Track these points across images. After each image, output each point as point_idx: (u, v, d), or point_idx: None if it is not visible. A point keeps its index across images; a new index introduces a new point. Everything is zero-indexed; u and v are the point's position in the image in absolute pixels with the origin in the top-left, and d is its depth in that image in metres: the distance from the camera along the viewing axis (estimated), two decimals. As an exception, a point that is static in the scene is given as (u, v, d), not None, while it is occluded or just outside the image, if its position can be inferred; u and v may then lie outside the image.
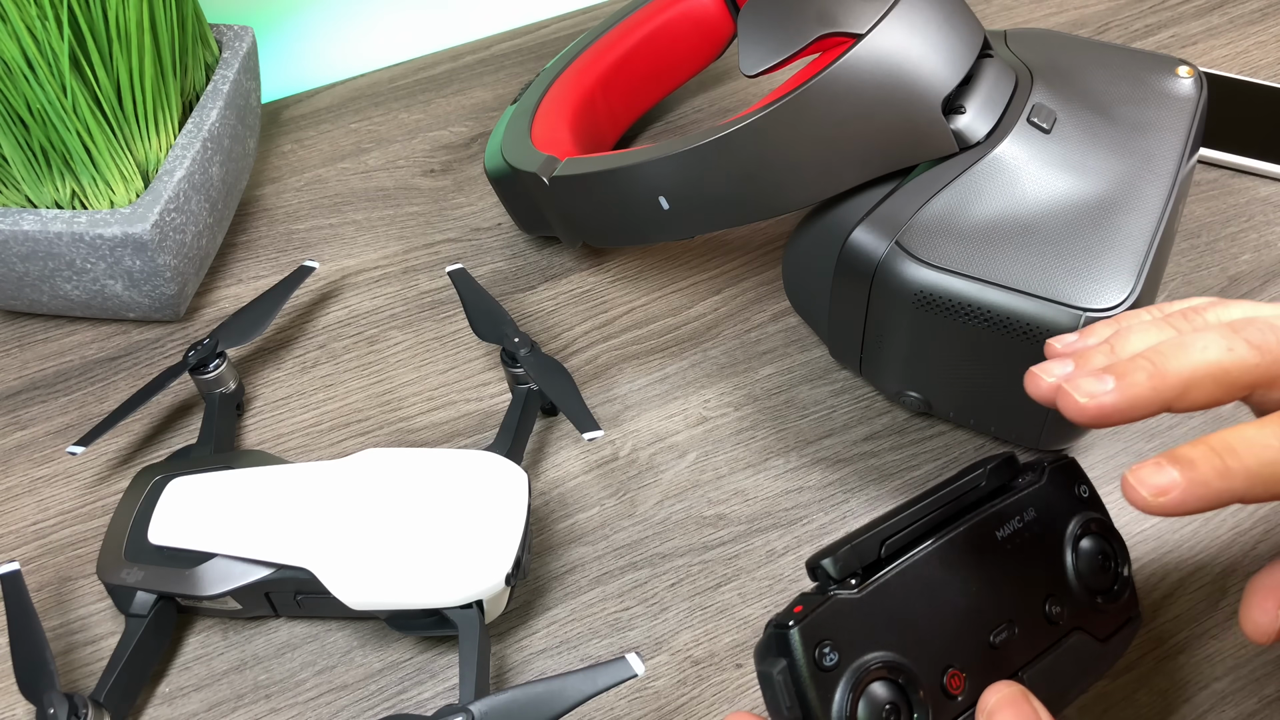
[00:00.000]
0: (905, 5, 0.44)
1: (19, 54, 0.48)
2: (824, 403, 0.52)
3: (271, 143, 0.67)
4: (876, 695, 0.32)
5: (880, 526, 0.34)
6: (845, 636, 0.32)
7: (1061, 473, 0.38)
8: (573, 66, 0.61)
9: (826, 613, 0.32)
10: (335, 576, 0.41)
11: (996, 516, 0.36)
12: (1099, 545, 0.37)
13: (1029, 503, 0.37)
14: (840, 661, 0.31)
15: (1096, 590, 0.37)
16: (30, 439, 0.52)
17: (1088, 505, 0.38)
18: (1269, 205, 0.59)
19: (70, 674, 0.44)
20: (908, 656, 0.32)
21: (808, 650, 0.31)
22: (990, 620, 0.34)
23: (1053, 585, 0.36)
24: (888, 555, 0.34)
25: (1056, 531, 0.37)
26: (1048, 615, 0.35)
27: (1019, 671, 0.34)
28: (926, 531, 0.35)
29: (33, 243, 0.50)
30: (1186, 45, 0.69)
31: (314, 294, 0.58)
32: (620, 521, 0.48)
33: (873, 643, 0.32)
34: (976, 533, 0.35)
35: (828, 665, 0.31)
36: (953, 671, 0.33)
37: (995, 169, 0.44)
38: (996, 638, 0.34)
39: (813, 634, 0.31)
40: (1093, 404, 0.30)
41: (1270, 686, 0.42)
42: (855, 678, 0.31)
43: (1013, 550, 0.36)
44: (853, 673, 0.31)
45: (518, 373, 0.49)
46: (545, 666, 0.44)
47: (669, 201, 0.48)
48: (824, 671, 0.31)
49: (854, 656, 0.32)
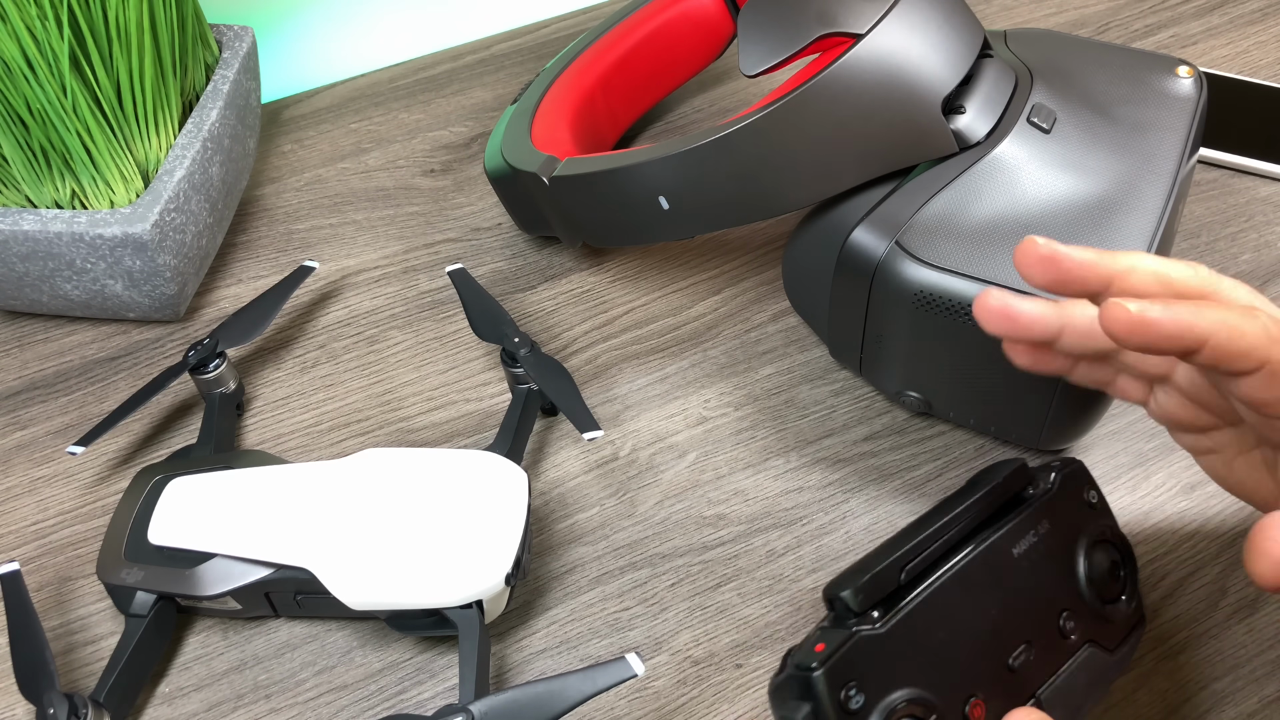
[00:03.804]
0: (905, 5, 0.44)
1: (19, 54, 0.48)
2: (824, 403, 0.52)
3: (271, 143, 0.67)
4: None
5: (898, 552, 0.33)
6: (870, 675, 0.30)
7: (1071, 479, 0.37)
8: (573, 66, 0.61)
9: (851, 652, 0.30)
10: (335, 576, 0.41)
11: (1012, 532, 0.35)
12: (1110, 554, 0.36)
13: (1042, 515, 0.36)
14: (866, 703, 0.30)
15: (1107, 600, 0.36)
16: (30, 439, 0.52)
17: (1098, 512, 0.37)
18: (1269, 205, 0.59)
19: (70, 674, 0.44)
20: (932, 691, 0.31)
21: (833, 693, 0.30)
22: (1009, 642, 0.33)
23: (1067, 600, 0.35)
24: (907, 582, 0.33)
25: (1069, 543, 0.36)
26: (1062, 631, 0.35)
27: (1037, 692, 0.34)
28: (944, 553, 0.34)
29: (33, 243, 0.50)
30: (1186, 45, 0.69)
31: (314, 294, 0.58)
32: (620, 521, 0.48)
33: (898, 680, 0.31)
34: (994, 551, 0.34)
35: (854, 708, 0.30)
36: (975, 701, 0.32)
37: (995, 169, 0.44)
38: (1015, 660, 0.33)
39: (838, 676, 0.30)
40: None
41: (1270, 686, 0.42)
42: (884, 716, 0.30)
43: (1028, 567, 0.35)
44: (880, 713, 0.30)
45: (518, 373, 0.49)
46: (545, 666, 0.44)
47: (669, 201, 0.48)
48: (850, 715, 0.30)
49: (880, 696, 0.30)
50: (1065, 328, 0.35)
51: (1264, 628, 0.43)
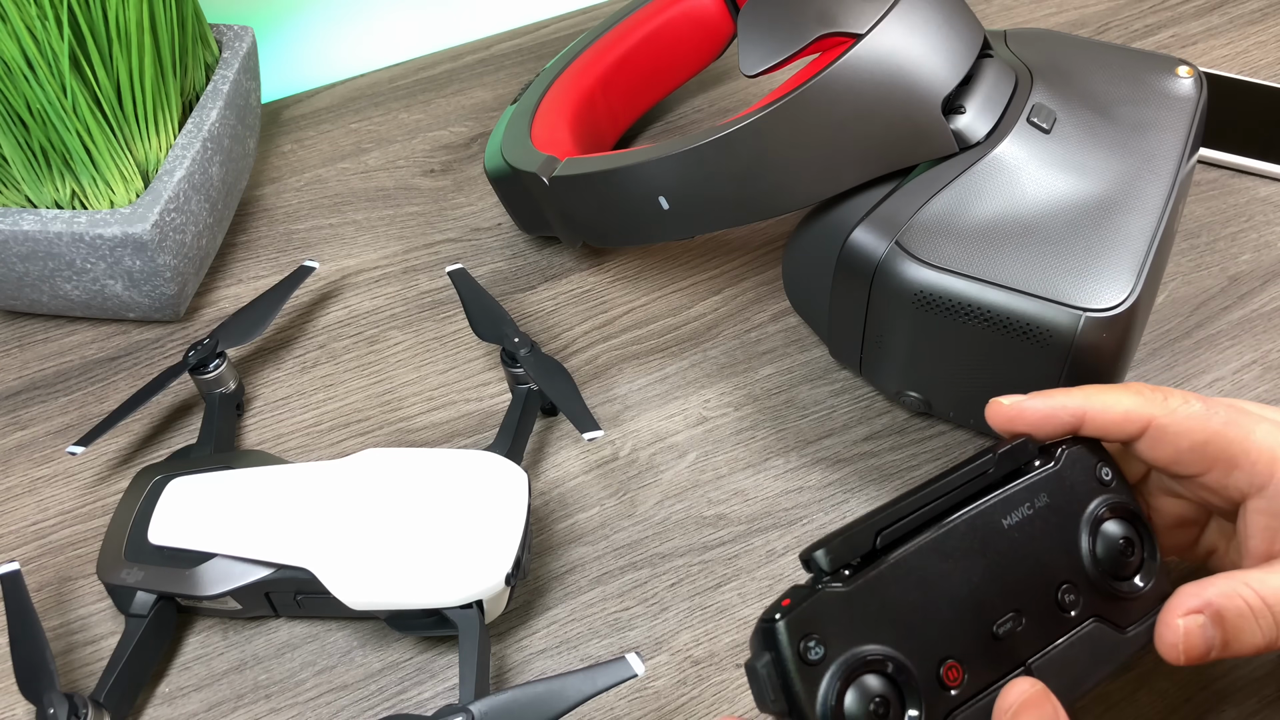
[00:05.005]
0: (905, 5, 0.44)
1: (19, 54, 0.48)
2: (824, 403, 0.52)
3: (271, 143, 0.67)
4: (867, 687, 0.31)
5: (877, 517, 0.34)
6: (832, 629, 0.31)
7: (1082, 454, 0.37)
8: (573, 66, 0.61)
9: (812, 606, 0.32)
10: (335, 576, 0.41)
11: (1004, 504, 0.35)
12: (1121, 530, 0.36)
13: (1042, 488, 0.36)
14: (826, 655, 0.31)
15: (1119, 577, 0.36)
16: (30, 439, 0.52)
17: (1109, 488, 0.37)
18: (1269, 205, 0.59)
19: (70, 674, 0.44)
20: (899, 649, 0.32)
21: (793, 643, 0.31)
22: (994, 611, 0.34)
23: (1068, 572, 0.35)
24: (884, 547, 0.33)
25: (1073, 516, 0.36)
26: (1060, 604, 0.35)
27: (1027, 661, 0.34)
28: (927, 522, 0.34)
29: (33, 243, 0.50)
30: (1186, 45, 0.69)
31: (314, 294, 0.58)
32: (620, 521, 0.48)
33: (862, 635, 0.32)
34: (980, 522, 0.35)
35: (813, 659, 0.31)
36: (950, 663, 0.33)
37: (995, 169, 0.44)
38: (1000, 628, 0.34)
39: (798, 627, 0.31)
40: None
41: (1270, 686, 0.42)
42: (843, 670, 0.31)
43: (1022, 538, 0.35)
44: (840, 665, 0.31)
45: (518, 373, 0.49)
46: (545, 666, 0.44)
47: (669, 201, 0.48)
48: (809, 665, 0.31)
49: (841, 649, 0.31)
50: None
51: (1264, 628, 0.43)
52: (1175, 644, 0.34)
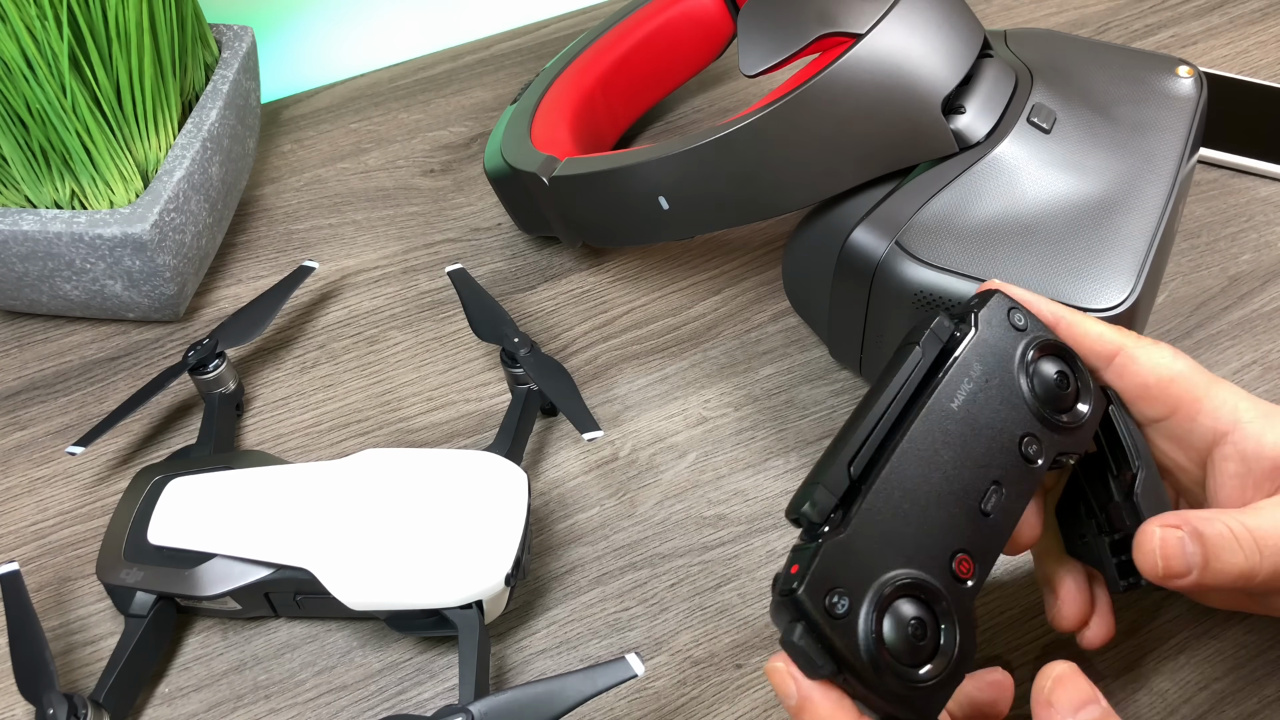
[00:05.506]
0: (905, 5, 0.44)
1: (19, 54, 0.48)
2: (824, 403, 0.52)
3: (271, 143, 0.67)
4: (899, 615, 0.32)
5: (841, 449, 0.34)
6: (847, 576, 0.32)
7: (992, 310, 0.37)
8: (573, 66, 0.61)
9: (822, 563, 0.31)
10: (335, 577, 0.41)
11: (946, 390, 0.35)
12: (1051, 366, 0.37)
13: (972, 358, 0.36)
14: (852, 604, 0.31)
15: (1063, 409, 0.36)
16: (30, 439, 0.52)
17: (1025, 331, 0.37)
18: (1269, 205, 0.59)
19: (70, 674, 0.44)
20: (913, 565, 0.32)
21: (818, 605, 0.31)
22: (976, 491, 0.34)
23: (1023, 426, 0.36)
24: (858, 475, 0.33)
25: (1007, 372, 0.36)
26: (1027, 456, 0.35)
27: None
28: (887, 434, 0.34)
29: (32, 243, 0.50)
30: (1186, 45, 0.69)
31: (314, 294, 0.58)
32: (620, 522, 0.48)
33: (874, 570, 0.32)
34: (933, 416, 0.35)
35: (841, 613, 0.31)
36: (960, 556, 0.33)
37: (995, 169, 0.44)
38: (987, 504, 0.34)
39: (818, 587, 0.31)
40: None
41: (1270, 686, 0.42)
42: (872, 610, 0.31)
43: (974, 412, 0.35)
44: (868, 607, 0.31)
45: (518, 373, 0.49)
46: (545, 666, 0.44)
47: (669, 201, 0.48)
48: (840, 619, 0.31)
49: (862, 592, 0.32)
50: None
51: (1264, 628, 0.43)
52: (1152, 550, 0.34)
